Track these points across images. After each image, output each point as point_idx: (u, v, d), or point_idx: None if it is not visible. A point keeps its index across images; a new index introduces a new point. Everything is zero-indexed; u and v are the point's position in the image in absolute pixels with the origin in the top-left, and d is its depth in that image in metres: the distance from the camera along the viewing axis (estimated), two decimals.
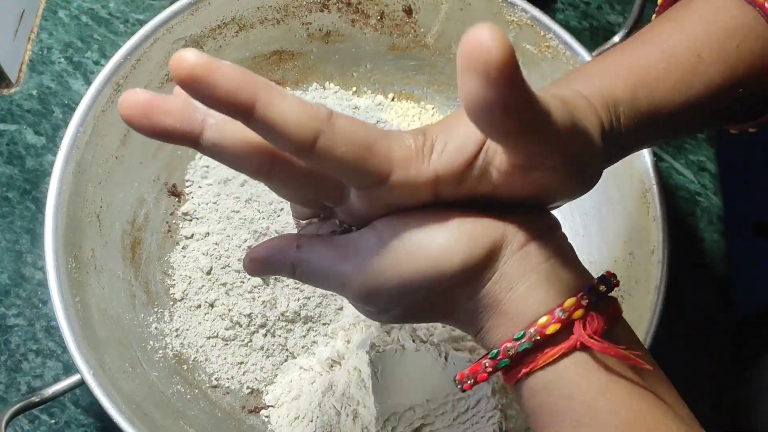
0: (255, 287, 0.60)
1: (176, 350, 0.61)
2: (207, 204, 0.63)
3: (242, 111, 0.30)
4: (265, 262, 0.40)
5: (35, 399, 0.51)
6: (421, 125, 0.69)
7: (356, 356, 0.59)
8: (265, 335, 0.60)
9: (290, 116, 0.31)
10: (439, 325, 0.60)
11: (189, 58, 0.29)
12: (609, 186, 0.60)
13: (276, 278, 0.60)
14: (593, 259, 0.61)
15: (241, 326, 0.61)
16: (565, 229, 0.64)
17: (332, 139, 0.31)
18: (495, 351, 0.35)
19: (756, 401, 0.69)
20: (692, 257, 0.69)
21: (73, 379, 0.52)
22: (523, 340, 0.34)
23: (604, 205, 0.61)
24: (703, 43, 0.41)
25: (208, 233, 0.63)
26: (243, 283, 0.61)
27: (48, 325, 0.64)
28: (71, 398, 0.62)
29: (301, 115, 0.31)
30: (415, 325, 0.60)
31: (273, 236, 0.60)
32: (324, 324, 0.61)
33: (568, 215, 0.65)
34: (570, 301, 0.35)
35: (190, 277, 0.62)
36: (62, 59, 0.72)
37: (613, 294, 0.38)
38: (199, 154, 0.66)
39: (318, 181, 0.35)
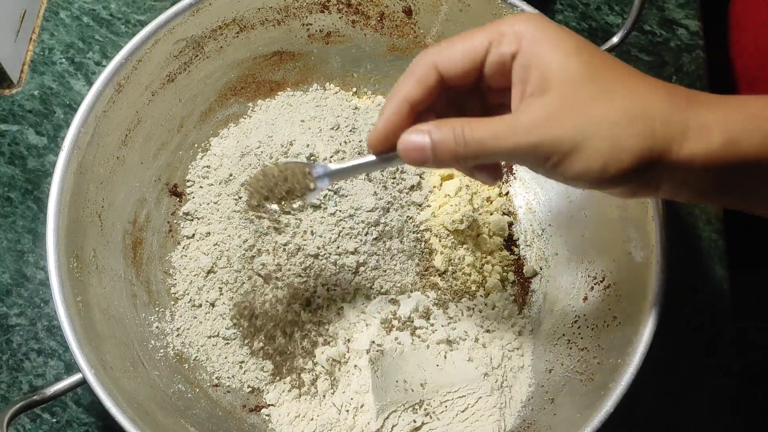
0: (256, 287, 0.60)
1: (177, 349, 0.61)
2: (208, 204, 0.64)
3: None
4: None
5: (37, 398, 0.51)
6: None
7: (356, 355, 0.59)
8: (266, 334, 0.61)
9: None
10: (438, 324, 0.60)
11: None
12: None
13: (276, 277, 0.60)
14: (592, 259, 0.62)
15: (241, 325, 0.61)
16: (563, 229, 0.65)
17: None
18: None
19: None
20: (691, 257, 0.69)
21: (75, 378, 0.52)
22: None
23: (603, 204, 0.61)
24: None
25: (209, 233, 0.63)
26: (244, 282, 0.61)
27: (50, 324, 0.65)
28: (73, 397, 0.63)
29: None
30: (416, 323, 0.60)
31: (273, 235, 0.60)
32: (324, 323, 0.61)
33: (567, 215, 0.65)
34: None
35: (191, 277, 0.63)
36: (64, 60, 0.73)
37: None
38: (200, 155, 0.66)
39: None
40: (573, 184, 0.43)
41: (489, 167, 0.48)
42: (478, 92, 0.48)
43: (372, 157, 0.48)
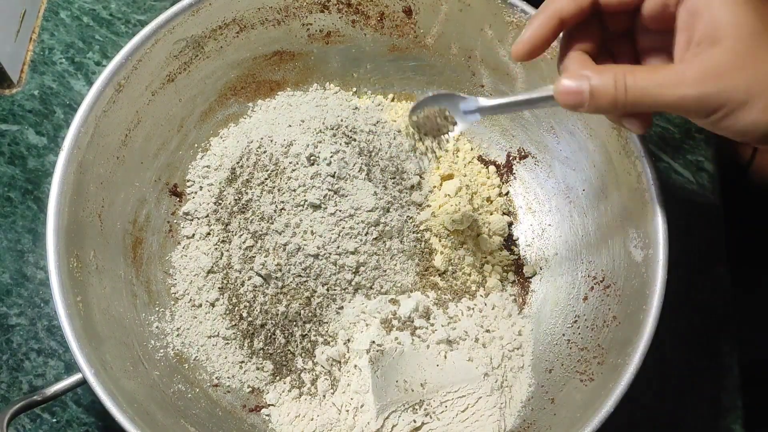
0: (256, 287, 0.60)
1: (177, 349, 0.61)
2: (208, 204, 0.64)
3: None
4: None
5: (37, 398, 0.52)
6: None
7: (356, 355, 0.59)
8: (266, 334, 0.61)
9: None
10: (438, 324, 0.60)
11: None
12: (608, 186, 0.60)
13: (276, 277, 0.60)
14: (592, 259, 0.62)
15: (241, 325, 0.61)
16: (563, 229, 0.65)
17: None
18: None
19: None
20: (691, 257, 0.69)
21: (75, 378, 0.52)
22: None
23: (602, 205, 0.61)
24: None
25: (209, 233, 0.63)
26: (244, 283, 0.61)
27: (50, 324, 0.65)
28: (73, 397, 0.63)
29: None
30: (416, 323, 0.60)
31: (273, 235, 0.60)
32: (324, 323, 0.61)
33: (567, 215, 0.65)
34: None
35: (191, 277, 0.63)
36: (64, 60, 0.73)
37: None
38: (200, 155, 0.66)
39: None
40: (737, 138, 0.43)
41: (641, 115, 0.47)
42: (629, 37, 0.48)
43: (523, 96, 0.48)
